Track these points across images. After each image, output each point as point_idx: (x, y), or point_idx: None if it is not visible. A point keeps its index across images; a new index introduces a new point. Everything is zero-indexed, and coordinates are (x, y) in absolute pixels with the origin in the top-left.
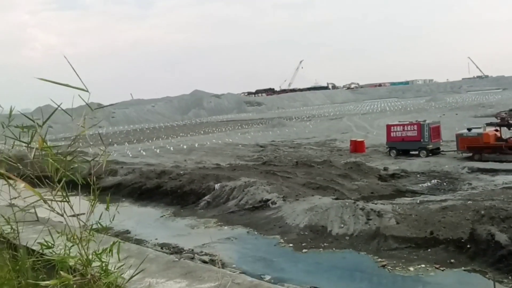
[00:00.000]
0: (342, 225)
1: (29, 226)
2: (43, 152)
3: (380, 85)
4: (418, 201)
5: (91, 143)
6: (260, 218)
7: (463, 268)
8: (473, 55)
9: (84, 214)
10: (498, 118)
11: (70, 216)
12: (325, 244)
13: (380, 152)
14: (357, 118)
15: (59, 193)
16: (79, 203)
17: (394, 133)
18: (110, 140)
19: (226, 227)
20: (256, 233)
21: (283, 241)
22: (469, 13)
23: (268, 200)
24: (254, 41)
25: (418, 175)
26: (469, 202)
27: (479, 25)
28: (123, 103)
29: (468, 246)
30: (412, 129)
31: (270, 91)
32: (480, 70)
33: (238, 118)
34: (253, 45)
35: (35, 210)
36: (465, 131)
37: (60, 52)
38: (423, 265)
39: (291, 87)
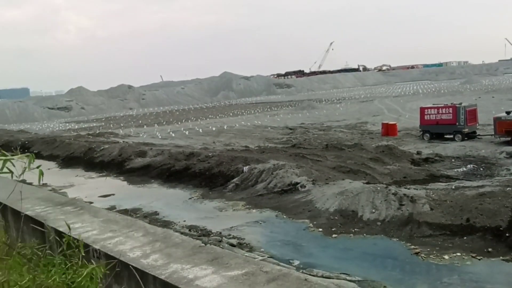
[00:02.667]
0: (374, 210)
1: (58, 207)
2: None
3: (412, 67)
4: (453, 187)
5: (122, 125)
6: (289, 201)
7: (501, 257)
8: (510, 36)
9: (114, 194)
10: None
11: (100, 196)
12: (355, 229)
13: (412, 136)
14: (388, 100)
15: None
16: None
17: (428, 116)
18: (140, 121)
19: (254, 210)
20: (284, 216)
21: (312, 226)
22: None
23: (297, 183)
24: (283, 22)
25: (453, 160)
26: (508, 188)
27: None
28: (153, 85)
29: (507, 234)
30: (447, 112)
31: (300, 73)
32: None
33: (268, 100)
34: (283, 27)
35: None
36: (504, 114)
37: (92, 35)
38: (458, 254)
39: (321, 69)
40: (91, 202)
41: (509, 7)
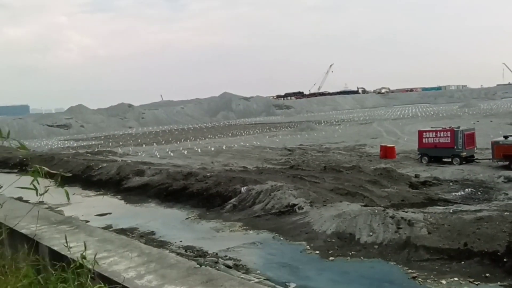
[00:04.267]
0: (371, 233)
1: (53, 226)
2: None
3: (411, 90)
4: (451, 211)
5: (121, 143)
6: (287, 223)
7: (499, 283)
8: (508, 60)
9: (110, 213)
10: None
11: (96, 215)
12: (352, 252)
13: (411, 159)
14: (387, 123)
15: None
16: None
17: (426, 139)
18: (139, 140)
19: (251, 231)
20: (282, 238)
21: (309, 248)
22: (504, 17)
23: (295, 205)
24: (284, 44)
25: (451, 183)
26: (506, 213)
27: None
28: (153, 104)
29: (505, 260)
30: (446, 135)
31: (299, 95)
32: None
33: (267, 121)
34: (283, 48)
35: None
36: (502, 138)
37: (93, 54)
38: (456, 278)
39: (321, 91)
40: (87, 221)
41: (507, 32)
